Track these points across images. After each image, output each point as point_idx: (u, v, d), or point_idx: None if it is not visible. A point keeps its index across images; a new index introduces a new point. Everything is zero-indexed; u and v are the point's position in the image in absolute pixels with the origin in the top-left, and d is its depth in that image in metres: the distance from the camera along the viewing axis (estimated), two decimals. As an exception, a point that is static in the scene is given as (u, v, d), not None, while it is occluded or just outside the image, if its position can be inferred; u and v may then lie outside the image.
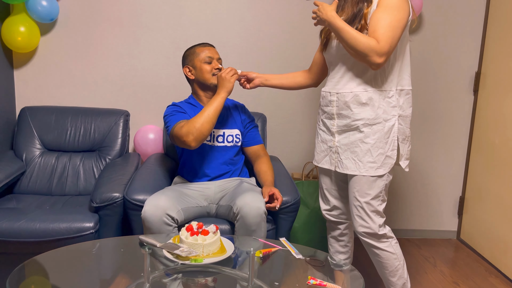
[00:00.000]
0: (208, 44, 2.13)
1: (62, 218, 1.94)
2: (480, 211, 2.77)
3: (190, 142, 1.87)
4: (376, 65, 1.61)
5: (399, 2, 1.61)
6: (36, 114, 2.48)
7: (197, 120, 1.87)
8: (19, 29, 2.40)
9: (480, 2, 2.75)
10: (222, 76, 1.94)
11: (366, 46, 1.58)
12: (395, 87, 1.72)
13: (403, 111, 1.75)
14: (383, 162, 1.73)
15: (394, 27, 1.59)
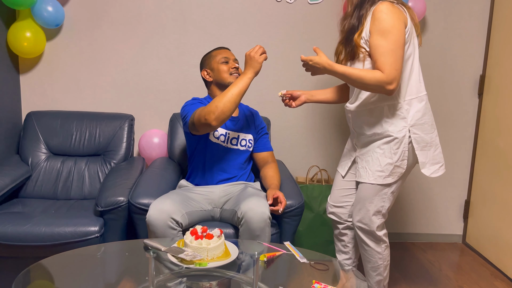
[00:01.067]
0: (223, 47, 2.17)
1: (67, 222, 1.95)
2: (486, 215, 2.75)
3: (211, 121, 1.80)
4: (391, 92, 1.64)
5: (390, 22, 1.61)
6: (42, 119, 2.50)
7: (220, 99, 1.81)
8: (25, 34, 2.42)
9: (484, 6, 2.75)
10: (251, 55, 1.83)
11: (373, 80, 1.62)
12: (403, 98, 1.73)
13: (417, 120, 1.74)
14: (391, 171, 1.76)
15: (393, 50, 1.61)
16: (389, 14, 1.61)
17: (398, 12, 1.63)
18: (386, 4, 1.63)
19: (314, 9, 2.69)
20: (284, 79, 2.72)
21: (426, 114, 1.77)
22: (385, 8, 1.62)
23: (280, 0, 2.67)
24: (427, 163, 1.78)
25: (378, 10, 1.63)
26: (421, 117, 1.75)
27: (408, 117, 1.73)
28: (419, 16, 2.59)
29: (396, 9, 1.63)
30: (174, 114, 2.61)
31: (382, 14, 1.61)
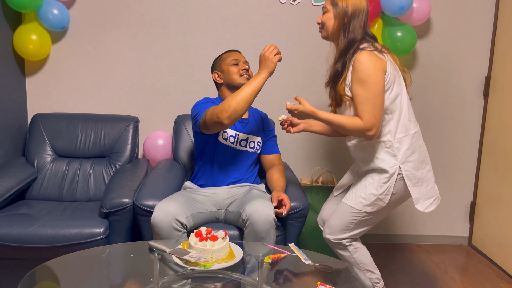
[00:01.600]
0: (234, 50, 2.20)
1: (73, 224, 1.96)
2: (492, 216, 2.73)
3: (223, 119, 1.81)
4: (370, 137, 1.74)
5: (367, 71, 1.67)
6: (47, 121, 2.51)
7: (233, 98, 1.81)
8: (31, 37, 2.44)
9: (489, 6, 2.73)
10: (265, 56, 1.84)
11: (353, 127, 1.71)
12: (393, 136, 1.77)
13: (408, 157, 1.78)
14: (372, 202, 1.80)
15: (371, 98, 1.68)
16: (367, 63, 1.67)
17: (375, 61, 1.68)
18: (365, 53, 1.68)
19: (318, 11, 2.69)
20: (288, 80, 2.72)
21: (416, 151, 1.80)
22: (363, 58, 1.67)
23: (284, 2, 2.67)
24: (420, 198, 1.82)
25: (357, 60, 1.69)
26: (411, 154, 1.79)
27: (398, 154, 1.77)
28: (423, 17, 2.58)
29: (374, 58, 1.68)
30: (179, 116, 2.61)
31: (360, 64, 1.67)
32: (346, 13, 1.73)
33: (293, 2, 2.67)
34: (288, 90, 2.72)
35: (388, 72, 1.71)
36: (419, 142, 1.81)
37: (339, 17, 1.74)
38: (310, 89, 2.76)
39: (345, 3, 1.74)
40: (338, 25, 1.75)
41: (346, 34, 1.74)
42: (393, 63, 1.75)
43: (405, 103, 1.77)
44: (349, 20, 1.74)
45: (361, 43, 1.74)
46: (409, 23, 2.60)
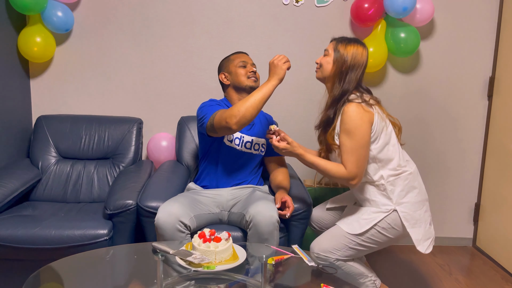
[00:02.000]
0: (241, 52, 2.19)
1: (77, 225, 1.96)
2: (496, 217, 2.72)
3: (232, 125, 1.81)
4: (353, 186, 1.79)
5: (354, 123, 1.71)
6: (52, 123, 2.52)
7: (242, 104, 1.81)
8: (35, 39, 2.45)
9: (493, 6, 2.72)
10: (275, 63, 1.86)
11: (337, 175, 1.76)
12: (386, 179, 1.79)
13: (403, 198, 1.79)
14: (366, 236, 1.79)
15: (356, 149, 1.72)
16: (354, 116, 1.71)
17: (362, 113, 1.72)
18: (353, 106, 1.73)
19: (321, 12, 2.69)
20: (290, 81, 2.71)
21: (411, 192, 1.81)
22: (351, 111, 1.72)
23: (287, 3, 2.67)
24: (421, 239, 1.81)
25: (344, 112, 1.74)
26: (406, 195, 1.80)
27: (393, 196, 1.79)
28: (427, 18, 2.58)
29: (361, 110, 1.72)
30: (182, 117, 2.62)
31: (348, 116, 1.72)
32: (345, 62, 1.78)
33: (296, 3, 2.67)
34: (291, 91, 2.72)
35: (375, 123, 1.75)
36: (414, 183, 1.82)
37: (337, 64, 1.79)
38: (312, 90, 2.76)
39: (346, 52, 1.78)
40: (335, 72, 1.80)
41: (341, 83, 1.78)
42: (381, 115, 1.78)
43: (395, 150, 1.80)
44: (347, 70, 1.78)
45: (351, 94, 1.78)
46: (413, 24, 2.59)
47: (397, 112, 2.80)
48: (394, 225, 1.78)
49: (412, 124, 2.83)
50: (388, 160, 1.79)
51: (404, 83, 2.79)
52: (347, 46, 1.79)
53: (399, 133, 1.86)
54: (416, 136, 2.85)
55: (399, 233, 1.80)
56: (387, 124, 1.80)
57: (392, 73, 2.78)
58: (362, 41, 1.84)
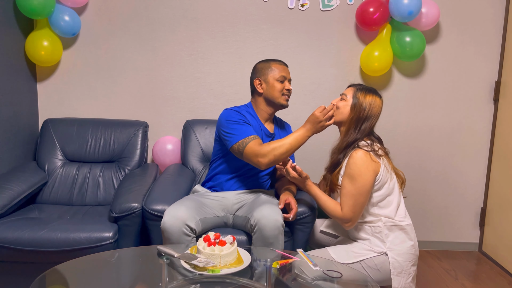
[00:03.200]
0: (283, 63, 2.10)
1: (82, 228, 1.97)
2: (503, 222, 2.70)
3: (262, 165, 1.86)
4: (347, 227, 1.84)
5: (358, 170, 1.74)
6: (58, 126, 2.54)
7: (279, 148, 1.85)
8: (43, 43, 2.47)
9: (499, 10, 2.71)
10: (318, 117, 1.85)
11: (333, 214, 1.82)
12: (383, 222, 1.80)
13: (396, 245, 1.79)
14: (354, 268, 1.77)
15: (355, 195, 1.76)
16: (360, 163, 1.76)
17: (368, 162, 1.76)
18: (361, 152, 1.77)
19: (326, 16, 2.69)
20: (296, 85, 2.71)
21: (405, 242, 1.81)
22: (358, 157, 1.77)
23: (292, 7, 2.68)
24: None
25: (352, 156, 1.78)
26: (400, 244, 1.80)
27: (387, 241, 1.80)
28: (432, 22, 2.57)
29: (368, 159, 1.76)
30: (188, 121, 2.63)
31: (354, 161, 1.77)
32: (363, 111, 1.82)
33: (301, 7, 2.68)
34: (297, 95, 2.72)
35: (380, 174, 1.78)
36: (410, 235, 1.82)
37: (356, 111, 1.83)
38: (317, 94, 2.76)
39: (365, 102, 1.83)
40: (352, 118, 1.84)
41: (357, 130, 1.83)
42: (387, 167, 1.82)
43: (394, 201, 1.83)
44: (364, 119, 1.82)
45: (362, 140, 1.82)
46: (418, 28, 2.59)
47: (402, 117, 2.80)
48: (379, 268, 1.78)
49: (417, 128, 2.82)
50: (388, 209, 1.82)
51: (410, 87, 2.78)
52: (366, 95, 1.83)
53: (402, 186, 1.89)
54: (422, 140, 2.84)
55: (381, 278, 1.79)
56: (392, 176, 1.84)
57: (398, 77, 2.77)
58: (378, 91, 1.89)
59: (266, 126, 2.10)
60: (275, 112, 2.12)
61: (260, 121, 2.10)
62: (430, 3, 2.55)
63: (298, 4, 2.67)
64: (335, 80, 2.76)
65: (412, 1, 2.41)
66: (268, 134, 2.10)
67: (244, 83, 2.69)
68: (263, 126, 2.09)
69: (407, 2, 2.41)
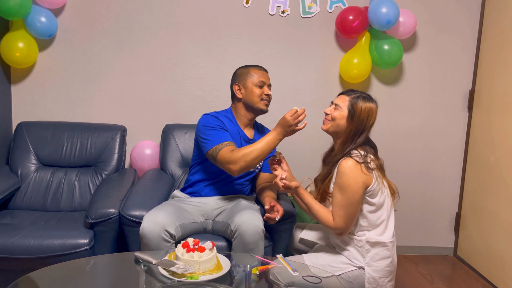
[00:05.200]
0: (262, 68, 2.10)
1: (56, 235, 1.92)
2: (477, 227, 2.77)
3: (233, 171, 1.84)
4: (338, 236, 1.81)
5: (347, 181, 1.71)
6: (33, 129, 2.47)
7: (250, 154, 1.82)
8: (18, 45, 2.41)
9: (473, 21, 2.80)
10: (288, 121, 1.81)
11: (325, 223, 1.77)
12: (366, 239, 1.78)
13: (375, 262, 1.78)
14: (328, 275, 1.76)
15: (345, 206, 1.72)
16: (349, 173, 1.71)
17: (357, 173, 1.70)
18: (351, 163, 1.72)
19: (307, 23, 2.72)
20: (277, 90, 2.73)
21: (384, 259, 1.79)
22: (347, 166, 1.71)
23: (273, 14, 2.70)
24: None
25: (341, 165, 1.73)
26: (379, 260, 1.79)
27: (366, 256, 1.78)
28: (409, 31, 2.63)
29: (358, 170, 1.71)
30: (167, 125, 2.60)
31: (343, 171, 1.72)
32: (361, 122, 1.76)
33: (282, 14, 2.70)
34: (278, 100, 2.73)
35: (372, 186, 1.73)
36: (390, 253, 1.81)
37: (354, 123, 1.76)
38: (297, 100, 2.78)
39: (364, 113, 1.76)
40: (351, 132, 1.77)
41: (354, 142, 1.77)
42: (379, 180, 1.76)
43: (383, 216, 1.80)
44: (362, 130, 1.77)
45: (356, 149, 1.77)
46: (396, 37, 2.65)
47: (380, 123, 2.84)
48: (354, 281, 1.77)
49: (394, 134, 2.87)
50: (376, 225, 1.79)
51: (388, 94, 2.83)
52: (363, 105, 1.76)
53: (393, 197, 1.85)
54: (399, 147, 2.89)
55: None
56: (384, 190, 1.79)
57: (376, 84, 2.82)
58: (372, 97, 1.82)
59: (245, 132, 2.10)
60: (255, 117, 2.12)
61: (239, 126, 2.09)
62: (407, 12, 2.61)
63: (279, 10, 2.69)
64: (315, 86, 2.78)
65: (390, 10, 2.46)
66: (247, 140, 2.09)
67: (224, 88, 2.68)
68: (242, 132, 2.09)
69: (385, 11, 2.46)
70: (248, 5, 2.68)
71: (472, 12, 2.78)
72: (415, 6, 2.72)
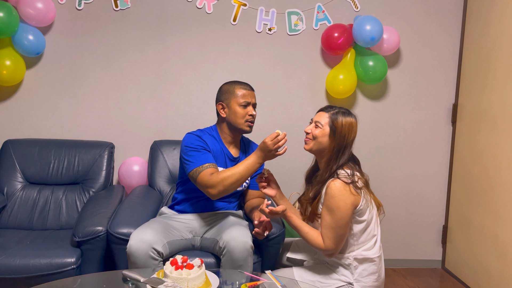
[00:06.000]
0: (248, 87, 2.04)
1: (43, 254, 1.90)
2: (463, 240, 2.80)
3: (213, 195, 1.82)
4: (328, 257, 1.80)
5: (336, 202, 1.70)
6: (19, 147, 2.45)
7: (229, 179, 1.79)
8: (5, 62, 2.41)
9: (454, 38, 2.87)
10: (268, 146, 1.78)
11: (315, 244, 1.76)
12: (353, 256, 1.79)
13: (363, 278, 1.79)
14: None
15: (334, 228, 1.72)
16: (338, 196, 1.70)
17: (346, 194, 1.70)
18: (340, 184, 1.71)
19: (293, 40, 2.77)
20: (264, 106, 2.75)
21: (372, 275, 1.80)
22: (336, 189, 1.70)
23: (260, 31, 2.74)
24: None
25: (329, 187, 1.72)
26: (367, 276, 1.80)
27: (354, 272, 1.79)
28: (393, 47, 2.70)
29: (347, 192, 1.70)
30: (155, 141, 2.60)
31: (332, 193, 1.71)
32: (344, 138, 1.75)
33: (269, 31, 2.75)
34: (265, 117, 2.76)
35: (360, 206, 1.74)
36: (377, 267, 1.82)
37: (337, 141, 1.76)
38: (284, 116, 2.81)
39: (344, 129, 1.75)
40: (334, 149, 1.76)
41: (339, 159, 1.76)
42: (367, 198, 1.76)
43: (371, 233, 1.81)
44: (345, 146, 1.77)
45: (342, 168, 1.76)
46: (380, 53, 2.71)
47: (366, 138, 2.88)
48: None
49: (381, 149, 2.91)
50: (363, 241, 1.80)
51: (373, 109, 2.88)
52: (343, 120, 1.76)
53: (378, 212, 1.84)
54: (385, 161, 2.93)
55: None
56: (372, 207, 1.79)
57: (362, 100, 2.87)
58: (350, 111, 1.83)
59: (230, 150, 2.08)
60: (239, 136, 2.10)
61: (224, 145, 2.07)
62: (390, 30, 2.68)
63: (266, 28, 2.74)
64: (301, 102, 2.82)
65: (374, 28, 2.52)
66: (231, 158, 2.08)
67: (212, 104, 2.68)
68: (227, 150, 2.07)
69: (369, 29, 2.52)
70: (235, 23, 2.72)
71: (453, 29, 2.86)
72: (398, 24, 2.79)
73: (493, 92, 2.50)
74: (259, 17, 2.72)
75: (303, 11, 2.75)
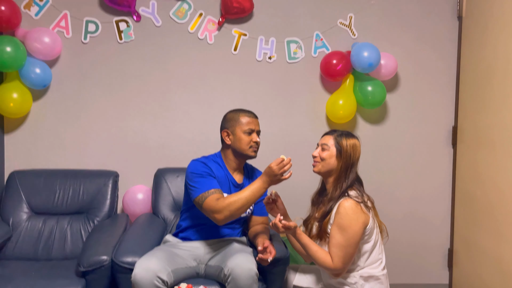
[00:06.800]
0: (252, 115, 2.10)
1: (48, 284, 1.91)
2: (470, 263, 2.77)
3: (219, 220, 1.84)
4: (335, 277, 1.82)
5: (348, 221, 1.74)
6: (25, 178, 2.48)
7: (235, 204, 1.82)
8: (12, 95, 2.46)
9: (451, 62, 2.91)
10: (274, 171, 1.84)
11: (323, 265, 1.78)
12: (359, 274, 1.82)
13: None
14: None
15: (345, 246, 1.75)
16: (350, 214, 1.75)
17: (358, 213, 1.75)
18: (352, 203, 1.77)
19: (293, 67, 2.83)
20: (266, 133, 2.78)
21: None
22: (349, 208, 1.76)
23: (260, 60, 2.81)
24: None
25: (341, 206, 1.77)
26: None
27: None
28: (391, 72, 2.75)
29: (359, 210, 1.76)
30: (159, 169, 2.63)
31: (344, 211, 1.75)
32: (350, 157, 1.84)
33: (269, 60, 2.81)
34: (266, 144, 2.77)
35: (369, 226, 1.79)
36: (383, 286, 1.84)
37: (344, 160, 1.84)
38: (286, 141, 2.84)
39: (349, 148, 1.84)
40: (342, 168, 1.84)
41: (347, 178, 1.83)
42: (374, 219, 1.83)
43: (376, 252, 1.84)
44: (352, 164, 1.85)
45: (351, 189, 1.83)
46: (379, 78, 2.76)
47: (367, 162, 2.89)
48: None
49: (382, 173, 2.92)
50: (369, 260, 1.83)
51: (373, 133, 2.91)
52: (347, 140, 1.85)
53: (382, 235, 1.89)
54: (387, 184, 2.93)
55: None
56: (377, 229, 1.84)
57: (362, 124, 2.90)
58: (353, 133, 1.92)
59: (234, 177, 2.11)
60: (243, 162, 2.14)
61: (228, 171, 2.10)
62: (388, 56, 2.74)
63: (266, 56, 2.81)
64: (303, 128, 2.86)
65: (371, 54, 2.58)
66: (235, 184, 2.10)
67: (214, 131, 2.72)
68: (231, 177, 2.10)
69: (367, 55, 2.58)
70: (236, 52, 2.79)
71: (448, 54, 2.91)
72: (394, 50, 2.85)
73: (491, 114, 2.53)
74: (259, 46, 2.79)
75: (302, 39, 2.82)
